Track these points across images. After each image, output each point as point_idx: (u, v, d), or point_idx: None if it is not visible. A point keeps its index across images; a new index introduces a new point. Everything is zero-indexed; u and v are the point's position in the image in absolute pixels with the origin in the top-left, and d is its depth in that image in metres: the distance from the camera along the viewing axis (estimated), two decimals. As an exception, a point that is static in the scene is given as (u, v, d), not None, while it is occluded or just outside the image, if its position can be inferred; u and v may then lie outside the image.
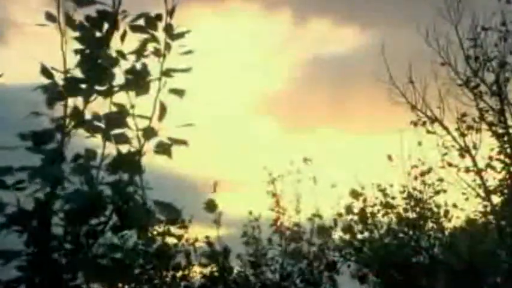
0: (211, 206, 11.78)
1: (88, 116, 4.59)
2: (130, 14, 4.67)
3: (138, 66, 4.67)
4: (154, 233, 12.22)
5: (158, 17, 4.68)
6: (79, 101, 4.59)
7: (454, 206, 14.54)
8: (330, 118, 18.01)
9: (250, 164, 16.61)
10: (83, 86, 4.56)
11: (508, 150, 14.63)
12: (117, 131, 4.61)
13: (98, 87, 4.59)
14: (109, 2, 4.63)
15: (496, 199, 14.72)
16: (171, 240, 13.38)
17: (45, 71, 4.59)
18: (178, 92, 4.72)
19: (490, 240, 13.97)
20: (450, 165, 14.73)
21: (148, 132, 4.63)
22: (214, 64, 15.01)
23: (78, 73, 4.59)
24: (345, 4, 17.76)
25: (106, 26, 4.62)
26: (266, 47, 19.32)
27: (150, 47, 4.70)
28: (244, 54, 18.47)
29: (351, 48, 20.14)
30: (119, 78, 4.65)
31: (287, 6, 19.02)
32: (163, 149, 4.66)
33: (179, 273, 13.86)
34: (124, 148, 4.62)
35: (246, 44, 18.98)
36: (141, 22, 4.70)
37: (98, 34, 4.62)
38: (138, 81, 4.64)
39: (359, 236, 14.82)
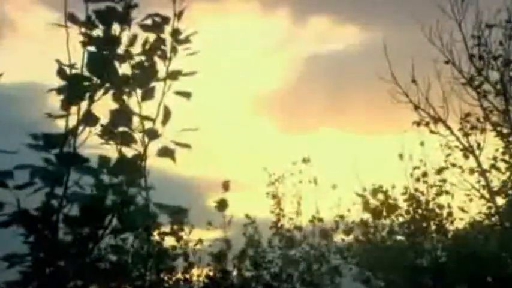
0: (222, 205, 12.23)
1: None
2: (139, 15, 4.64)
3: (146, 64, 4.59)
4: (156, 233, 12.22)
5: (165, 20, 4.64)
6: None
7: (460, 209, 14.37)
8: (331, 118, 17.87)
9: (249, 164, 16.50)
10: (87, 83, 4.43)
11: (513, 150, 14.49)
12: (122, 129, 4.52)
13: (107, 88, 4.48)
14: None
15: (501, 200, 14.57)
16: (170, 242, 13.33)
17: (61, 72, 4.47)
18: (185, 95, 4.68)
19: (494, 242, 13.80)
20: (454, 165, 14.56)
21: (151, 134, 4.56)
22: (212, 63, 14.83)
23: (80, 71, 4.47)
24: (345, 2, 17.61)
25: (115, 23, 4.53)
26: (265, 46, 19.20)
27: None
28: (243, 54, 18.31)
29: (351, 46, 20.00)
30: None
31: (286, 4, 18.90)
32: (167, 152, 4.59)
33: (179, 276, 13.75)
34: (129, 152, 4.55)
35: (245, 43, 18.81)
36: (149, 22, 4.67)
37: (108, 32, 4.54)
38: (145, 77, 4.52)
39: (361, 238, 14.68)
